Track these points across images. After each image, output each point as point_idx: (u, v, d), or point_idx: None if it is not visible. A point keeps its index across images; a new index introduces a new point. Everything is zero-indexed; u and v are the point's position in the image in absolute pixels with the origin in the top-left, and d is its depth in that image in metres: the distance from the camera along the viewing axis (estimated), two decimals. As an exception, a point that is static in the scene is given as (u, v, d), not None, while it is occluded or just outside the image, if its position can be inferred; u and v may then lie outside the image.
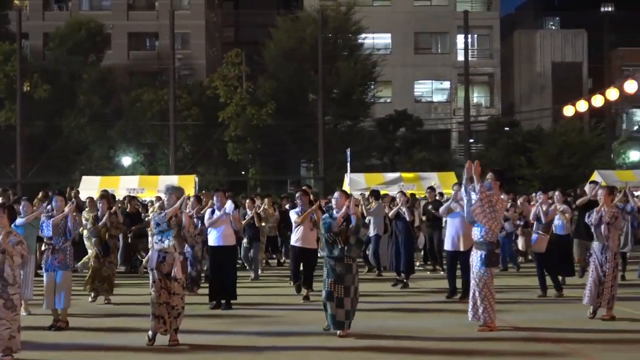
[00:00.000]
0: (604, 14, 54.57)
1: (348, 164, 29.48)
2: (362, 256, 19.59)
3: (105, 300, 14.75)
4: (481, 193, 11.22)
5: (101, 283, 14.74)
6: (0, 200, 16.46)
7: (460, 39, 51.22)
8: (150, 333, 10.56)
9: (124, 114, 44.32)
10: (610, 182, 23.53)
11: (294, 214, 15.25)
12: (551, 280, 15.11)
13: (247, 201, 20.42)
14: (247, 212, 19.31)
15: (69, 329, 11.90)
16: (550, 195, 16.71)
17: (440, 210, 16.22)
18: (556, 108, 43.64)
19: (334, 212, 11.48)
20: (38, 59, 49.01)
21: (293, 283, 15.33)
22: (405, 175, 31.91)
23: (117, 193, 26.00)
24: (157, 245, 10.79)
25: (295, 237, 15.16)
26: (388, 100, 52.90)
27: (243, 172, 47.60)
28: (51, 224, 12.02)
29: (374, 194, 20.35)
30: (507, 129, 48.03)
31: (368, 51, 48.42)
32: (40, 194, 20.28)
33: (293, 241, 15.25)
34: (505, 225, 18.83)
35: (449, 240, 14.96)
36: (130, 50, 54.30)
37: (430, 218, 19.71)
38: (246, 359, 10.03)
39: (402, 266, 16.99)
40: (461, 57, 47.24)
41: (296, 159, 47.76)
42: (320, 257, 15.47)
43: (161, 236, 10.77)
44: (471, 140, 45.04)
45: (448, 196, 20.93)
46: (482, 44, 56.76)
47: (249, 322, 12.62)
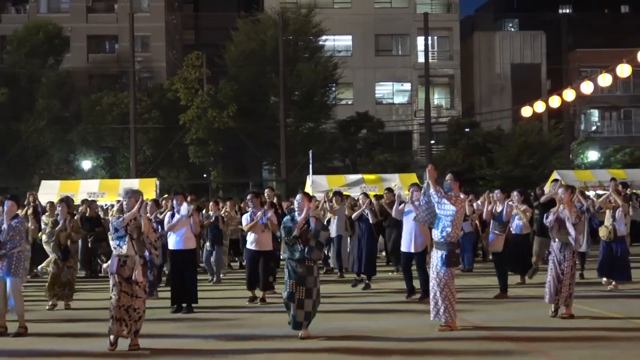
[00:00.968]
0: (562, 16, 55.12)
1: (310, 166, 29.55)
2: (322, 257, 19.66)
3: (65, 305, 14.60)
4: (439, 194, 11.31)
5: (61, 288, 14.59)
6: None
7: (420, 41, 51.51)
8: (112, 338, 10.46)
9: (84, 118, 43.97)
10: (569, 182, 23.75)
11: (245, 220, 15.23)
12: (499, 279, 15.15)
13: (211, 204, 20.35)
14: (211, 215, 19.25)
15: (29, 335, 11.75)
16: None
17: (392, 211, 16.26)
18: (515, 109, 44.04)
19: (296, 215, 11.49)
20: (-5, 63, 48.54)
21: (248, 288, 15.16)
22: (367, 176, 32.01)
23: (77, 197, 25.75)
24: (116, 250, 10.72)
25: (250, 240, 15.11)
26: (349, 102, 53.06)
27: (205, 175, 47.47)
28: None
29: (338, 195, 20.39)
30: (468, 130, 48.37)
31: (329, 53, 48.57)
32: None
33: (248, 244, 15.19)
34: (463, 225, 18.97)
35: (404, 241, 15.07)
36: (89, 53, 53.84)
37: (385, 219, 19.63)
38: (208, 363, 9.99)
39: (364, 267, 17.03)
40: (421, 59, 47.56)
41: (258, 162, 47.71)
42: (282, 260, 15.45)
43: (119, 241, 10.69)
44: (432, 141, 45.30)
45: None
46: (442, 46, 57.07)
47: (211, 326, 12.56)
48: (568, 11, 61.78)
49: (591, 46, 55.88)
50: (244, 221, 15.25)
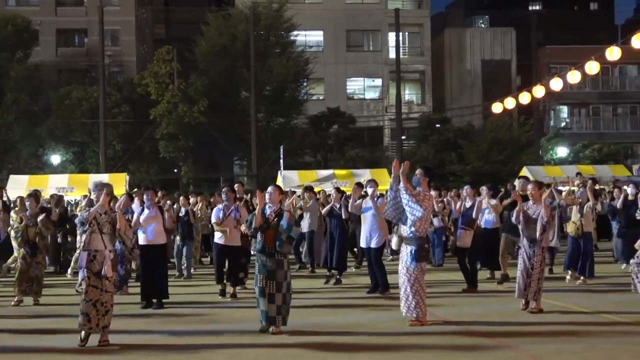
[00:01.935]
0: (532, 13, 55.52)
1: (281, 161, 29.49)
2: (294, 253, 19.65)
3: (34, 301, 14.46)
4: (408, 190, 11.31)
5: (30, 284, 14.46)
6: None
7: (391, 37, 51.65)
8: (82, 334, 10.37)
9: (53, 112, 43.59)
10: (538, 178, 23.95)
11: (215, 214, 15.16)
12: (464, 274, 15.26)
13: (182, 198, 20.23)
14: (182, 210, 19.14)
15: (-4, 332, 11.66)
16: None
17: (349, 207, 16.34)
18: (486, 105, 44.32)
19: (267, 208, 11.46)
20: (-37, 56, 47.90)
21: (217, 283, 15.13)
22: (338, 172, 32.02)
23: (46, 192, 25.46)
24: (84, 245, 10.63)
25: (218, 235, 15.07)
26: (320, 97, 53.07)
27: (175, 170, 47.30)
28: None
29: (309, 190, 20.38)
30: (438, 126, 48.64)
31: (300, 48, 48.59)
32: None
33: (216, 238, 15.15)
34: (433, 220, 19.09)
35: (362, 237, 15.31)
36: (58, 47, 53.39)
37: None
38: (179, 359, 9.93)
39: (335, 262, 17.05)
40: (392, 55, 47.70)
41: (229, 157, 47.62)
42: (253, 255, 15.41)
43: (85, 235, 10.59)
44: (403, 137, 45.45)
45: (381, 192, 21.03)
46: (413, 42, 57.26)
47: (181, 321, 12.52)
48: (538, 8, 62.25)
49: (561, 43, 56.40)
50: (214, 216, 15.18)
